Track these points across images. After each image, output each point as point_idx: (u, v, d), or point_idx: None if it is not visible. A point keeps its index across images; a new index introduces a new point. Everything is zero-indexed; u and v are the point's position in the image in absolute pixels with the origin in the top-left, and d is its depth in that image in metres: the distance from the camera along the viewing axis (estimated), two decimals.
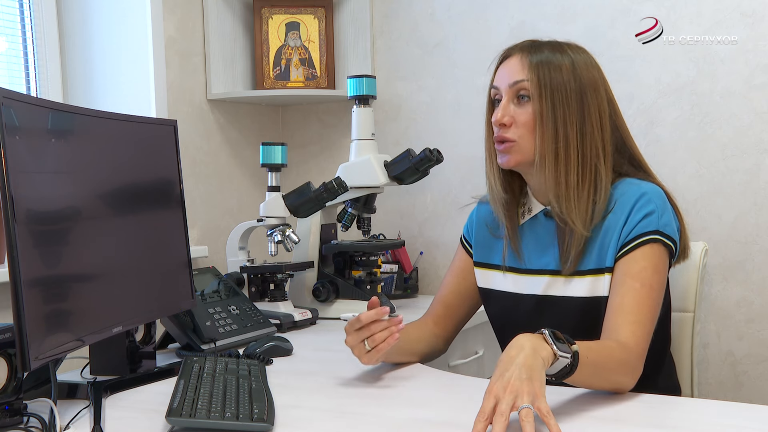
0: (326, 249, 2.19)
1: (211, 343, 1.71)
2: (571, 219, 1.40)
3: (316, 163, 2.76)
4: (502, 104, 1.43)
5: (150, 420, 1.22)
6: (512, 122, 1.42)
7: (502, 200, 1.50)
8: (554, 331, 1.17)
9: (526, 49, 1.44)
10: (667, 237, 1.38)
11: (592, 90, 1.41)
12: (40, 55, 2.23)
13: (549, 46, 1.44)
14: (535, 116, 1.40)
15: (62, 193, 1.30)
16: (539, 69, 1.40)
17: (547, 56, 1.41)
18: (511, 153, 1.43)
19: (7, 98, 1.17)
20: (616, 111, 1.46)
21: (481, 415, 1.06)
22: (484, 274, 1.58)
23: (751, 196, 2.21)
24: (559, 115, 1.39)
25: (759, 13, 2.18)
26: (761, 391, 2.22)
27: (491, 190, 1.52)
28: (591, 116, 1.40)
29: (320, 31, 2.61)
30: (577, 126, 1.39)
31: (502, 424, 1.03)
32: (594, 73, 1.43)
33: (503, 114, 1.42)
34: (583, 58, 1.44)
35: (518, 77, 1.41)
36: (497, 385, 1.08)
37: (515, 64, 1.43)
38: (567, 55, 1.42)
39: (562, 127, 1.39)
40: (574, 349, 1.17)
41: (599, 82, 1.43)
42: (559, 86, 1.39)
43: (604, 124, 1.42)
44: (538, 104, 1.40)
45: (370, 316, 1.35)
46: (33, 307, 1.16)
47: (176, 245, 1.65)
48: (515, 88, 1.42)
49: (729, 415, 1.21)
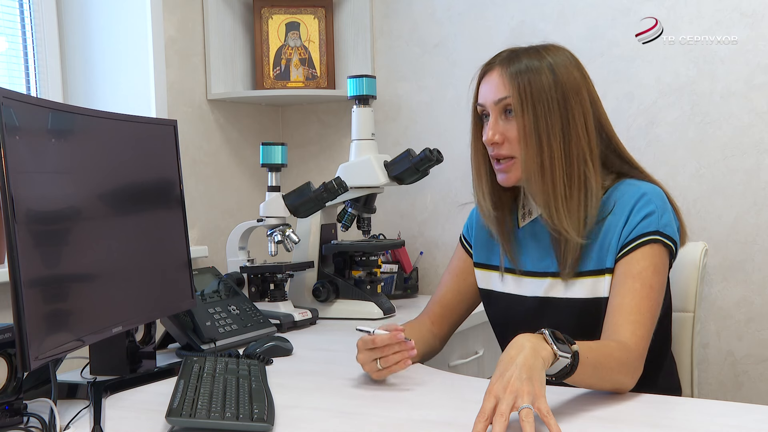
0: (326, 249, 2.19)
1: (211, 343, 1.71)
2: (564, 229, 1.40)
3: (316, 163, 2.76)
4: (491, 123, 1.42)
5: (150, 420, 1.22)
6: (504, 139, 1.41)
7: (492, 217, 1.50)
8: (554, 331, 1.17)
9: (504, 62, 1.42)
10: (668, 237, 1.38)
11: (574, 93, 1.40)
12: (40, 55, 2.23)
13: (526, 54, 1.42)
14: (519, 131, 1.39)
15: (62, 193, 1.30)
16: (519, 82, 1.39)
17: (526, 65, 1.40)
18: (511, 171, 1.42)
19: (7, 98, 1.17)
20: (599, 109, 1.45)
21: (482, 415, 1.06)
22: (484, 275, 1.58)
23: (751, 196, 2.21)
24: (542, 128, 1.38)
25: (759, 13, 2.18)
26: (761, 391, 2.22)
27: (480, 207, 1.51)
28: (576, 122, 1.39)
29: (320, 31, 2.61)
30: (560, 136, 1.38)
31: (502, 424, 1.03)
32: (574, 73, 1.42)
33: (494, 132, 1.41)
34: (562, 60, 1.42)
35: (501, 94, 1.40)
36: (497, 386, 1.08)
37: (496, 80, 1.42)
38: (545, 59, 1.40)
39: (546, 140, 1.38)
40: (575, 349, 1.17)
41: (581, 83, 1.42)
42: (541, 96, 1.38)
43: (589, 127, 1.41)
44: (521, 119, 1.39)
45: (384, 340, 1.35)
46: (33, 307, 1.16)
47: (176, 245, 1.65)
48: (501, 105, 1.41)
49: (729, 415, 1.21)
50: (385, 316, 2.10)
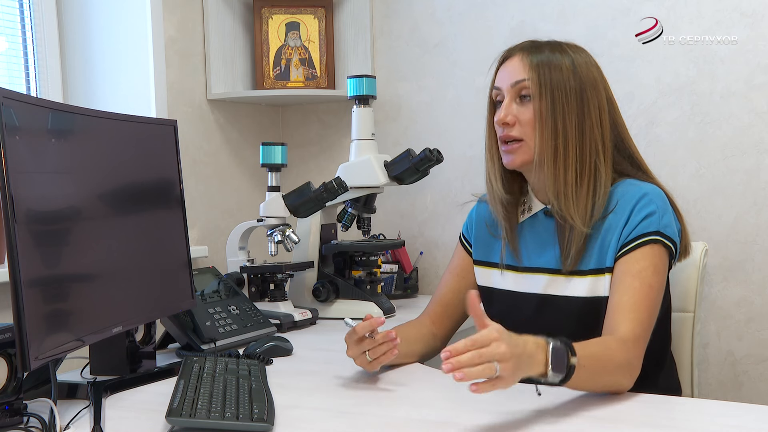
0: (326, 249, 2.19)
1: (211, 343, 1.71)
2: (570, 216, 1.40)
3: (316, 163, 2.76)
4: (505, 104, 1.44)
5: (150, 420, 1.22)
6: (515, 121, 1.42)
7: (503, 200, 1.50)
8: (557, 348, 1.16)
9: (526, 50, 1.44)
10: (668, 238, 1.38)
11: (592, 88, 1.42)
12: (40, 55, 2.23)
13: (549, 46, 1.45)
14: (535, 115, 1.40)
15: (62, 193, 1.30)
16: (539, 69, 1.41)
17: (548, 56, 1.42)
18: (516, 153, 1.43)
19: (7, 98, 1.17)
20: (615, 109, 1.47)
21: (473, 344, 1.08)
22: (483, 273, 1.58)
23: (751, 196, 2.21)
24: (558, 113, 1.40)
25: (759, 13, 2.18)
26: (761, 391, 2.22)
27: (492, 191, 1.52)
28: (591, 114, 1.41)
29: (320, 31, 2.61)
30: (576, 123, 1.40)
31: (477, 369, 1.07)
32: (593, 72, 1.44)
33: (506, 113, 1.43)
34: (583, 58, 1.45)
35: (519, 77, 1.42)
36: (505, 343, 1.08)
37: (516, 65, 1.44)
38: (567, 54, 1.43)
39: (561, 125, 1.40)
40: (573, 362, 1.16)
41: (599, 81, 1.44)
42: (559, 85, 1.40)
43: (603, 122, 1.42)
44: (538, 103, 1.40)
45: (365, 327, 1.36)
46: (33, 307, 1.16)
47: (176, 245, 1.65)
48: (517, 88, 1.43)
49: (729, 415, 1.21)
50: (385, 316, 2.09)
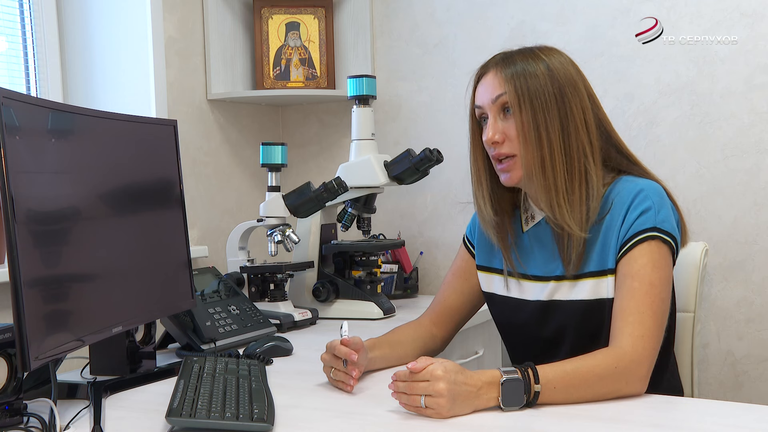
0: (326, 249, 2.19)
1: (211, 343, 1.71)
2: (566, 224, 1.39)
3: (316, 163, 2.76)
4: (490, 123, 1.42)
5: (150, 420, 1.22)
6: (504, 138, 1.40)
7: (493, 222, 1.49)
8: (511, 382, 1.22)
9: (499, 63, 1.42)
10: (666, 233, 1.36)
11: (572, 88, 1.40)
12: (40, 55, 2.23)
13: (521, 55, 1.42)
14: (517, 127, 1.39)
15: (62, 193, 1.30)
16: (515, 80, 1.39)
17: (521, 66, 1.40)
18: (513, 169, 1.41)
19: (7, 98, 1.17)
20: (597, 106, 1.44)
21: (412, 376, 1.21)
22: (486, 278, 1.58)
23: (751, 196, 2.21)
24: (540, 122, 1.37)
25: (759, 13, 2.18)
26: (761, 391, 2.22)
27: (480, 214, 1.51)
28: (574, 116, 1.39)
29: (320, 31, 2.61)
30: (559, 129, 1.38)
31: (404, 398, 1.22)
32: (570, 71, 1.42)
33: (494, 132, 1.41)
34: (558, 59, 1.42)
35: (498, 92, 1.40)
36: (444, 382, 1.19)
37: (491, 80, 1.42)
38: (541, 60, 1.40)
39: (545, 133, 1.37)
40: (537, 389, 1.22)
41: (577, 80, 1.42)
42: (537, 92, 1.38)
43: (588, 121, 1.40)
44: (519, 114, 1.38)
45: (343, 353, 1.37)
46: (33, 307, 1.16)
47: (176, 245, 1.65)
48: (498, 103, 1.41)
49: (729, 415, 1.21)
50: (385, 316, 2.10)
